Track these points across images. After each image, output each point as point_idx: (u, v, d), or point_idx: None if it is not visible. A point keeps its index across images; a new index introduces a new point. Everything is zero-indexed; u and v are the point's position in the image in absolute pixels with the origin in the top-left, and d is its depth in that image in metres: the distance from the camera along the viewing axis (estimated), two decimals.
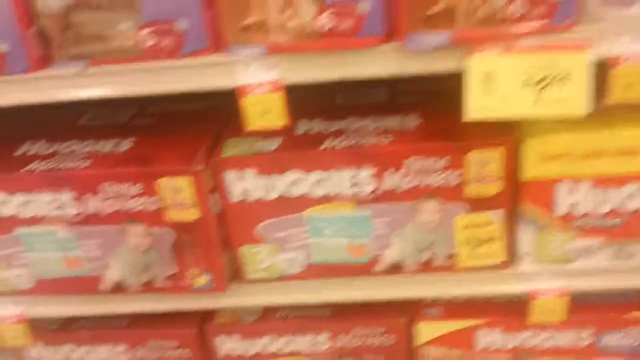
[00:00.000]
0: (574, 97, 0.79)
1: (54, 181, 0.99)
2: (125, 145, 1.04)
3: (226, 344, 1.20)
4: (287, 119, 0.87)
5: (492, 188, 0.94)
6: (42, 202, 1.00)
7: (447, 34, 0.78)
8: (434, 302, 1.14)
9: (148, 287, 1.08)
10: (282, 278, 1.07)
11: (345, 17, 0.79)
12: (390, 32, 0.81)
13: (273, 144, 0.98)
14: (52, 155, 1.03)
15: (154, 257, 1.04)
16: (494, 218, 0.97)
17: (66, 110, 1.13)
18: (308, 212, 1.00)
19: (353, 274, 1.05)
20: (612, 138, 0.88)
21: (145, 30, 0.84)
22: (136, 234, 1.02)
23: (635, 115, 0.90)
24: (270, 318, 1.20)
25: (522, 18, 0.77)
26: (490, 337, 1.11)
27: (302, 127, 1.02)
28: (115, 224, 1.01)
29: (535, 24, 0.77)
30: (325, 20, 0.80)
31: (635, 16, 0.76)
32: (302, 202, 0.99)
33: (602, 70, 0.80)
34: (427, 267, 1.03)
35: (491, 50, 0.79)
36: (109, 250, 1.04)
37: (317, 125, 1.03)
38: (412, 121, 1.00)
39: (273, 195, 0.99)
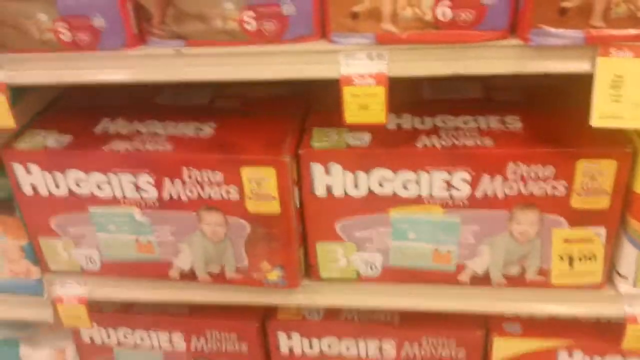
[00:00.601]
0: None
1: (135, 163, 0.95)
2: (208, 129, 1.00)
3: (287, 341, 1.16)
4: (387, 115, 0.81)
5: (601, 202, 0.88)
6: (120, 183, 0.97)
7: (582, 32, 0.71)
8: (515, 317, 1.08)
9: (218, 278, 1.04)
10: (358, 279, 1.02)
11: (467, 8, 0.74)
12: (515, 26, 0.75)
13: (363, 139, 0.92)
14: (133, 135, 1.00)
15: (228, 248, 1.00)
16: (598, 234, 0.90)
17: (140, 86, 1.10)
18: (393, 213, 0.95)
19: (435, 281, 0.99)
20: None
21: (248, 12, 0.79)
22: (212, 222, 0.98)
23: None
24: (334, 318, 1.15)
25: None
26: None
27: (392, 121, 0.97)
28: (192, 211, 0.98)
29: None
30: (444, 10, 0.74)
31: None
32: (387, 202, 0.94)
33: None
34: (516, 280, 0.97)
35: (625, 52, 0.72)
36: (183, 237, 1.01)
37: (407, 121, 0.97)
38: (512, 122, 0.93)
39: (358, 192, 0.94)
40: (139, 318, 1.19)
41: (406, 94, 1.06)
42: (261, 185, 0.93)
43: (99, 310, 1.17)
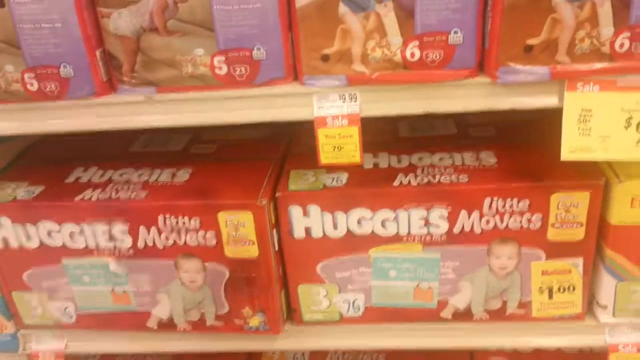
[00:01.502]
0: None
1: (108, 212, 0.94)
2: (183, 175, 0.99)
3: None
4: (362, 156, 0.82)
5: (576, 233, 0.88)
6: (93, 233, 0.95)
7: (547, 67, 0.73)
8: (499, 351, 1.07)
9: (198, 326, 1.02)
10: (341, 321, 1.01)
11: (435, 48, 0.75)
12: (482, 65, 0.76)
13: (341, 179, 0.92)
14: (106, 183, 0.98)
15: (207, 295, 0.98)
16: (575, 265, 0.91)
17: (116, 134, 1.09)
18: (373, 252, 0.94)
19: (418, 319, 0.99)
20: None
21: (220, 58, 0.80)
22: (190, 269, 0.97)
23: None
24: None
25: (627, 54, 0.72)
26: None
27: (369, 161, 0.97)
28: (168, 259, 0.96)
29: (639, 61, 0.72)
30: (413, 51, 0.75)
31: None
32: (367, 241, 0.93)
33: None
34: (498, 314, 0.96)
35: (591, 87, 0.74)
36: (160, 286, 0.99)
37: (384, 160, 0.97)
38: (487, 158, 0.94)
39: (337, 233, 0.93)
40: None
41: (383, 133, 1.07)
42: (239, 230, 0.92)
43: None
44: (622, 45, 0.72)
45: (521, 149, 0.95)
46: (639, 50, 0.72)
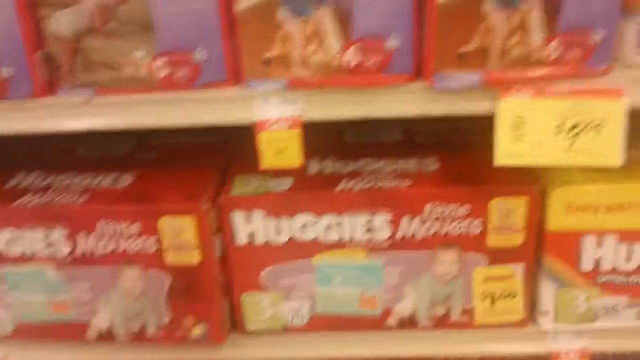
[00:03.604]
0: (608, 146, 0.76)
1: (46, 217, 0.92)
2: (125, 180, 0.97)
3: None
4: (303, 158, 0.82)
5: (515, 239, 0.90)
6: (31, 240, 0.93)
7: (479, 74, 0.74)
8: None
9: (138, 336, 0.99)
10: (285, 330, 1.00)
11: (373, 53, 0.76)
12: (420, 70, 0.78)
13: (284, 184, 0.92)
14: (47, 188, 0.96)
15: (147, 304, 0.96)
16: (515, 271, 0.92)
17: (62, 139, 1.07)
18: (317, 259, 0.94)
19: (363, 327, 0.98)
20: None
21: (160, 60, 0.79)
22: (130, 277, 0.95)
23: None
24: None
25: (557, 61, 0.74)
26: None
27: (314, 166, 0.97)
28: (108, 266, 0.94)
29: (570, 68, 0.74)
30: (351, 56, 0.76)
31: None
32: (311, 248, 0.93)
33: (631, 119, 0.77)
34: (442, 322, 0.97)
35: (523, 93, 0.75)
36: (100, 295, 0.96)
37: (329, 165, 0.98)
38: (430, 164, 0.95)
39: (281, 239, 0.93)
40: None
41: (329, 140, 1.07)
42: (180, 235, 0.91)
43: None
44: (552, 52, 0.74)
45: (464, 155, 0.96)
46: (570, 56, 0.74)
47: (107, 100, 0.82)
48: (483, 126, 0.99)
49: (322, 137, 1.07)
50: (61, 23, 0.80)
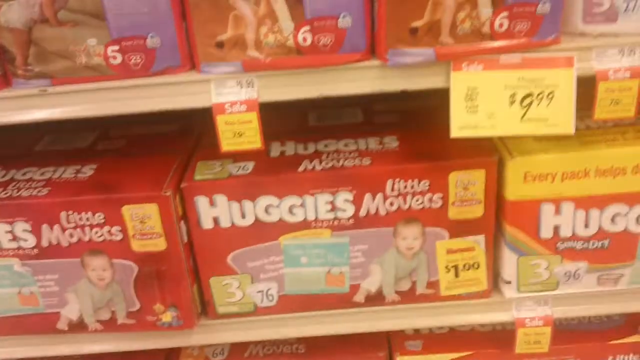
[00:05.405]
0: (561, 115, 0.78)
1: (9, 211, 0.91)
2: (87, 171, 0.97)
3: None
4: (262, 140, 0.82)
5: (475, 211, 0.91)
6: None
7: (432, 49, 0.75)
8: (415, 334, 1.10)
9: (109, 325, 0.99)
10: (255, 312, 1.01)
11: (326, 33, 0.76)
12: (374, 48, 0.78)
13: (247, 168, 0.93)
14: (7, 183, 0.95)
15: (116, 292, 0.97)
16: (478, 243, 0.94)
17: (22, 133, 1.06)
18: (283, 240, 0.95)
19: (331, 305, 1.00)
20: (596, 158, 0.87)
21: (113, 47, 0.79)
22: (97, 266, 0.95)
23: (618, 134, 0.89)
24: (239, 356, 1.13)
25: (506, 33, 0.75)
26: None
27: (276, 149, 0.98)
28: (74, 257, 0.94)
29: (519, 40, 0.76)
30: (305, 36, 0.77)
31: (619, 31, 0.75)
32: (277, 229, 0.94)
33: (584, 89, 0.79)
34: (408, 296, 0.99)
35: (475, 66, 0.77)
36: (68, 286, 0.96)
37: (291, 148, 0.98)
38: (390, 142, 0.96)
39: (246, 222, 0.93)
40: None
41: (292, 123, 1.08)
42: (145, 223, 0.91)
43: None
44: (501, 25, 0.75)
45: (423, 132, 0.98)
46: (518, 28, 0.75)
47: (62, 89, 0.81)
48: (443, 105, 1.01)
49: (285, 122, 1.07)
50: (11, 14, 0.79)
